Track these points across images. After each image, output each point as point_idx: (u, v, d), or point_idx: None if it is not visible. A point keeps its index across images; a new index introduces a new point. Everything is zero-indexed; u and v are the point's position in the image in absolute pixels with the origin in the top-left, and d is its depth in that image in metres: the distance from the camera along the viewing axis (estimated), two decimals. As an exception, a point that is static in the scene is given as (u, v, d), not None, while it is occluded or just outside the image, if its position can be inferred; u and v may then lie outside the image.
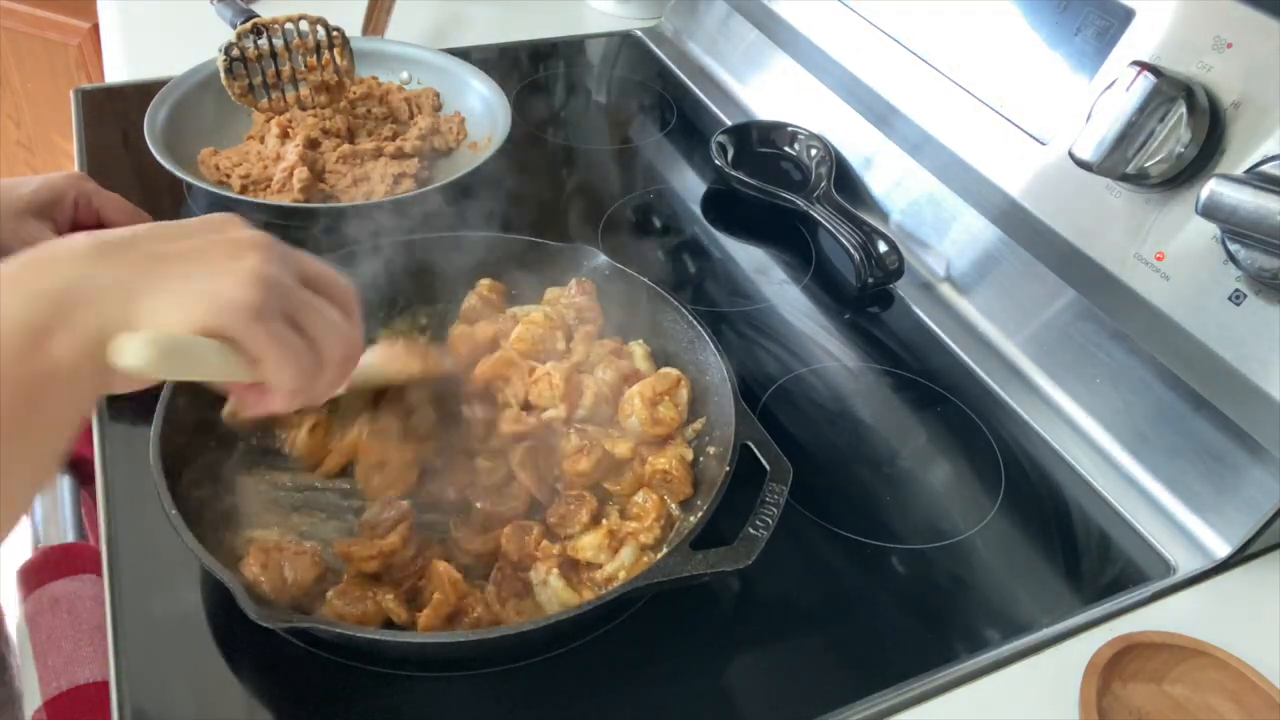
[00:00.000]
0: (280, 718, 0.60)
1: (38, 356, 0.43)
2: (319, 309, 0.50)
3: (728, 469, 0.65)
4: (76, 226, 0.79)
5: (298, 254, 0.52)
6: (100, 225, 0.79)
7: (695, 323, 0.77)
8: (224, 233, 0.50)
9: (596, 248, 0.84)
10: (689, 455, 0.71)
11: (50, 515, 0.82)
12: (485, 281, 0.83)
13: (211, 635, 0.63)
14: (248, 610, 0.55)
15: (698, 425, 0.74)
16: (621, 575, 0.64)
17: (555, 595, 0.63)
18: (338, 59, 1.01)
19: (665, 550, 0.65)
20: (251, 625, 0.61)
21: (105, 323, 0.44)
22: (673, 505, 0.69)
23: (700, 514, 0.64)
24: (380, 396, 0.71)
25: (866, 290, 0.94)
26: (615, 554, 0.65)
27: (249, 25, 0.96)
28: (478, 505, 0.68)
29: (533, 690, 0.61)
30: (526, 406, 0.74)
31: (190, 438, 0.67)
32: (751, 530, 0.61)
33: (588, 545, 0.65)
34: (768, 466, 0.66)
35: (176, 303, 0.46)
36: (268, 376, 0.49)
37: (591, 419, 0.73)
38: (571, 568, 0.65)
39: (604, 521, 0.67)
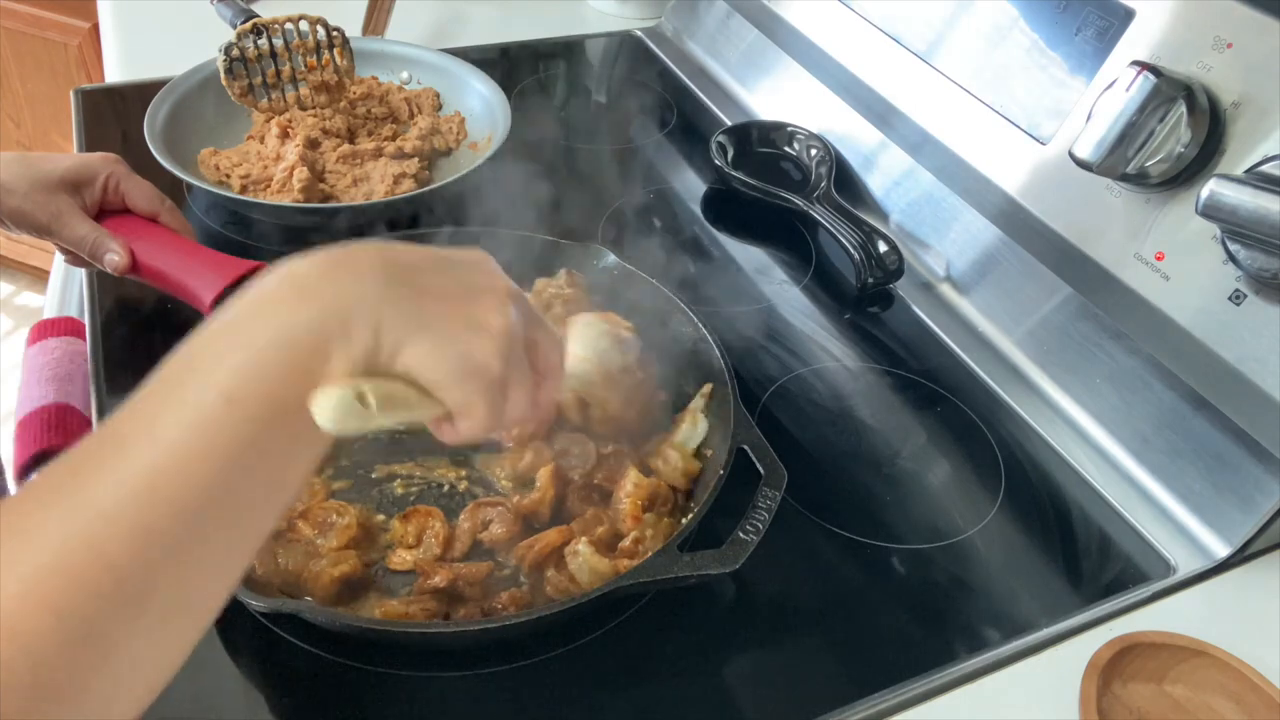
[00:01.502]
0: (281, 716, 0.60)
1: (318, 371, 0.41)
2: (525, 380, 0.48)
3: (721, 473, 0.65)
4: (102, 208, 0.79)
5: (535, 314, 0.50)
6: (124, 209, 0.80)
7: (699, 324, 0.77)
8: (486, 277, 0.48)
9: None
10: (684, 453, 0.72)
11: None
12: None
13: (211, 634, 0.62)
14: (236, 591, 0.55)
15: (706, 391, 0.74)
16: (649, 535, 0.65)
17: (586, 564, 0.63)
18: (338, 59, 1.01)
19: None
20: (252, 623, 0.62)
21: (374, 355, 0.43)
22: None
23: (691, 515, 0.64)
24: None
25: (866, 290, 0.94)
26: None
27: (249, 25, 0.96)
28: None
29: (533, 690, 0.61)
30: None
31: None
32: (741, 534, 0.61)
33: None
34: (762, 471, 0.66)
35: (436, 351, 0.44)
36: (458, 425, 0.47)
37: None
38: (607, 545, 0.66)
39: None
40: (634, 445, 0.73)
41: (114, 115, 1.08)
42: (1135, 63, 0.70)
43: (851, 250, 0.95)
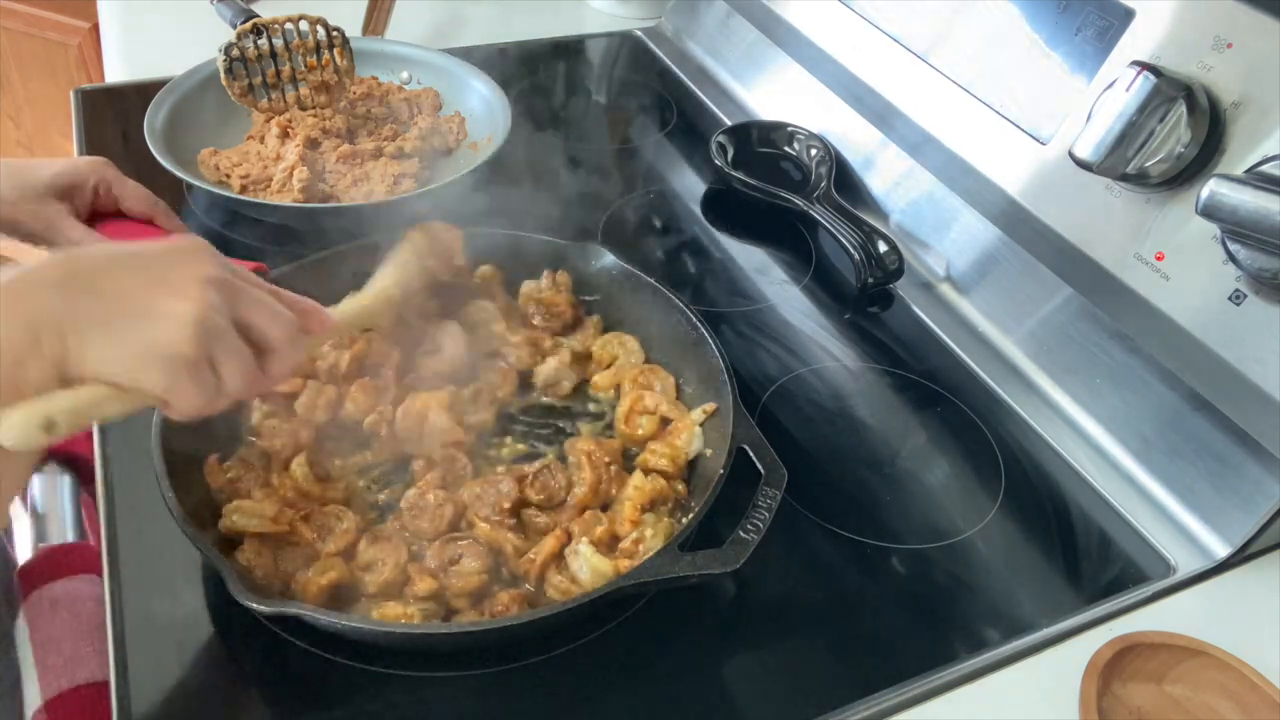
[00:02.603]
0: (281, 717, 0.60)
1: (16, 380, 0.47)
2: (237, 353, 0.52)
3: (721, 472, 0.65)
4: (95, 212, 0.79)
5: (246, 289, 0.53)
6: (119, 212, 0.80)
7: (698, 324, 0.77)
8: (181, 267, 0.51)
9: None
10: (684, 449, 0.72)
11: (50, 515, 0.82)
12: (485, 268, 0.84)
13: (212, 635, 0.63)
14: (234, 590, 0.55)
15: (709, 409, 0.74)
16: (649, 535, 0.65)
17: (587, 564, 0.63)
18: (338, 59, 1.01)
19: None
20: (252, 624, 0.62)
21: (63, 360, 0.48)
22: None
23: (692, 515, 0.64)
24: None
25: (866, 290, 0.94)
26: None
27: (249, 25, 0.96)
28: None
29: (533, 690, 0.61)
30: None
31: (194, 423, 0.67)
32: (742, 534, 0.61)
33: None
34: (763, 470, 0.66)
35: (117, 346, 0.48)
36: (172, 406, 0.51)
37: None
38: (607, 545, 0.66)
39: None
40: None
41: (114, 115, 1.08)
42: (1135, 63, 0.70)
43: (851, 250, 0.95)
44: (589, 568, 0.63)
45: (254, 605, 0.55)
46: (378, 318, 0.69)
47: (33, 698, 0.64)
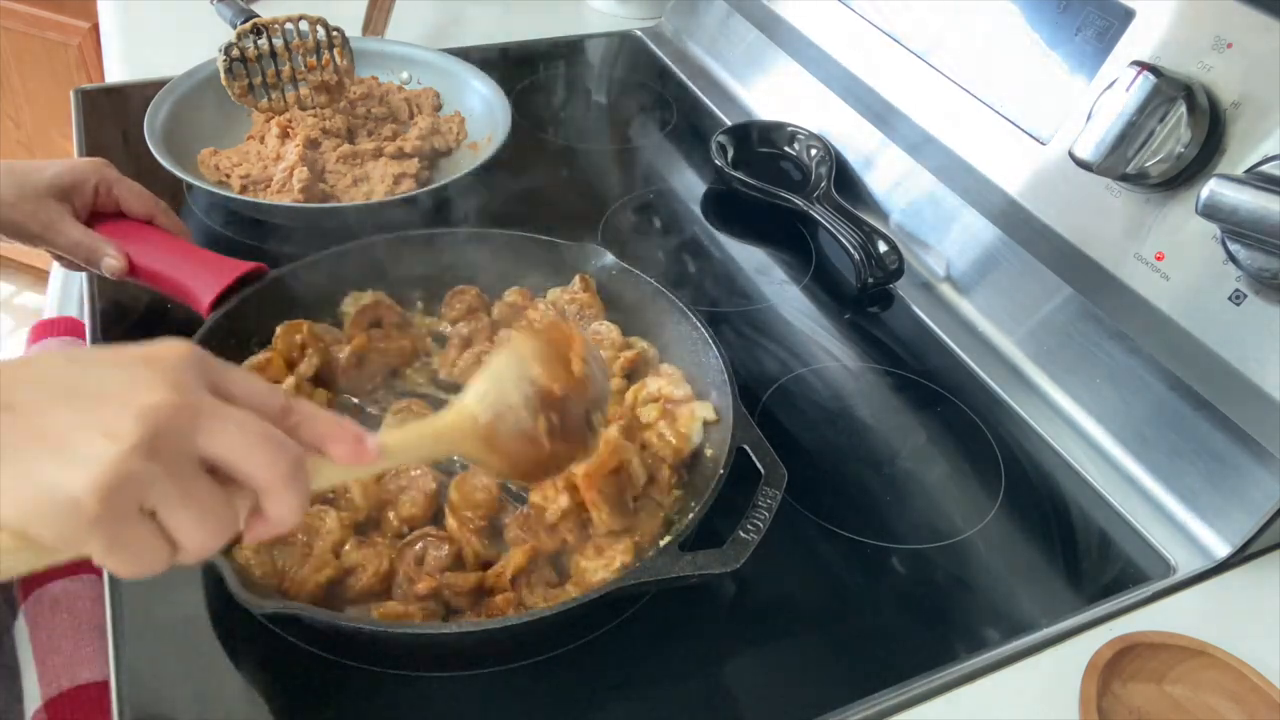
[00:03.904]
0: (281, 717, 0.60)
1: None
2: (188, 500, 0.40)
3: (721, 472, 0.65)
4: (95, 212, 0.79)
5: (219, 415, 0.42)
6: (119, 212, 0.79)
7: (699, 324, 0.77)
8: (133, 389, 0.40)
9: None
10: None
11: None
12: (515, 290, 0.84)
13: (212, 635, 0.63)
14: (234, 590, 0.55)
15: (711, 417, 0.73)
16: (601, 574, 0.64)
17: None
18: (338, 59, 1.01)
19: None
20: (252, 624, 0.62)
21: None
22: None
23: (692, 515, 0.64)
24: None
25: (866, 290, 0.94)
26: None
27: (249, 25, 0.96)
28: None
29: (532, 691, 0.61)
30: None
31: None
32: (742, 534, 0.61)
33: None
34: (763, 470, 0.66)
35: (15, 486, 0.38)
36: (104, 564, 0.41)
37: None
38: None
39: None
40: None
41: (114, 115, 1.08)
42: (1135, 63, 0.70)
43: (851, 250, 0.95)
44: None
45: (254, 605, 0.55)
46: (454, 445, 0.54)
47: (33, 697, 0.64)
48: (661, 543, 0.66)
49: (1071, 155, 0.73)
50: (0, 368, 0.41)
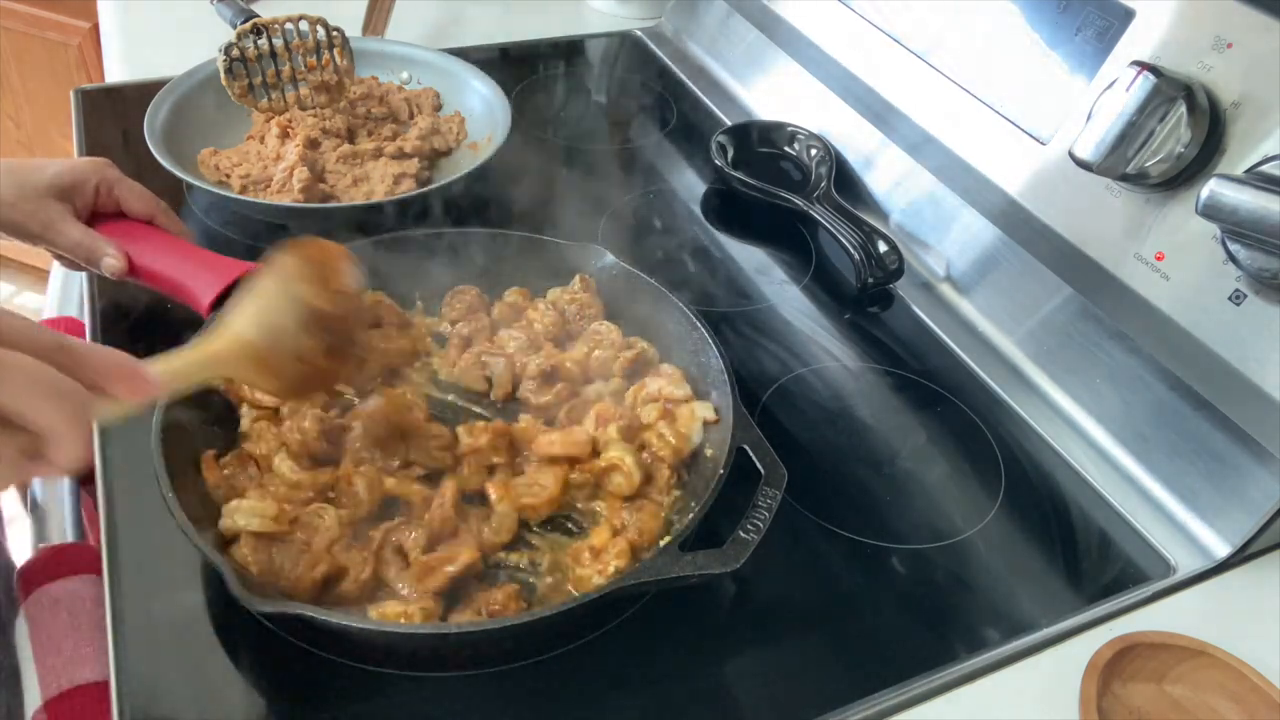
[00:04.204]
0: (280, 716, 0.60)
1: None
2: None
3: (722, 472, 0.65)
4: (95, 212, 0.79)
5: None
6: (119, 212, 0.79)
7: (698, 324, 0.77)
8: None
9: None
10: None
11: (50, 515, 0.82)
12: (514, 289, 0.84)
13: (212, 635, 0.63)
14: (234, 590, 0.55)
15: (711, 417, 0.74)
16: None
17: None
18: (338, 59, 1.01)
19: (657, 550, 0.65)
20: (252, 624, 0.62)
21: None
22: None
23: (692, 515, 0.64)
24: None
25: (866, 290, 0.94)
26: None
27: (249, 25, 0.96)
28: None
29: (532, 691, 0.61)
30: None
31: (194, 425, 0.68)
32: (742, 534, 0.61)
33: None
34: (763, 470, 0.66)
35: None
36: None
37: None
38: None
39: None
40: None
41: (114, 115, 1.08)
42: (1135, 63, 0.70)
43: (851, 250, 0.95)
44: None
45: (254, 605, 0.55)
46: (227, 367, 0.55)
47: (33, 697, 0.64)
48: (661, 543, 0.66)
49: (1071, 155, 0.73)
50: None
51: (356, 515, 0.66)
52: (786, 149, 1.11)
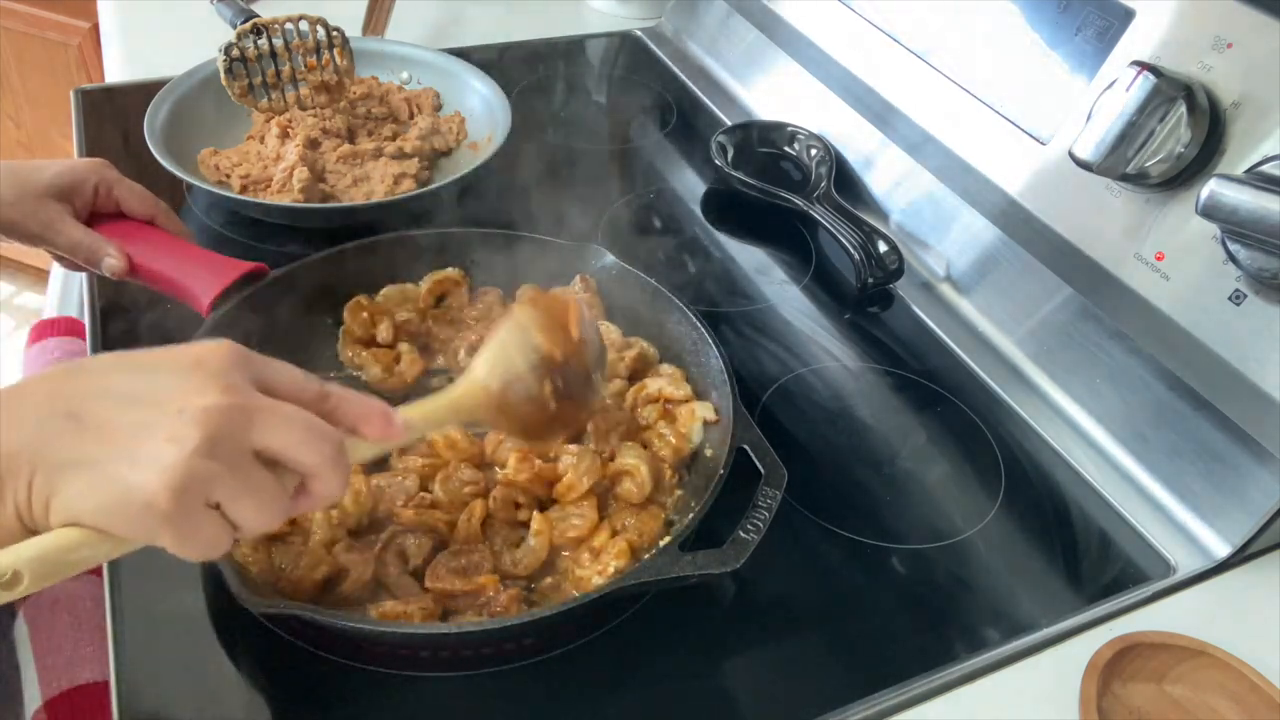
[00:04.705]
0: (280, 717, 0.60)
1: None
2: (248, 490, 0.45)
3: (722, 472, 0.65)
4: (95, 213, 0.79)
5: (266, 411, 0.46)
6: (119, 213, 0.79)
7: (698, 324, 0.77)
8: (182, 394, 0.44)
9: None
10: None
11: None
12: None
13: (212, 635, 0.63)
14: (235, 591, 0.55)
15: (712, 417, 0.73)
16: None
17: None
18: (338, 59, 1.01)
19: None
20: (252, 624, 0.62)
21: (30, 502, 0.43)
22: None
23: (692, 515, 0.64)
24: None
25: (866, 290, 0.94)
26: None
27: (249, 25, 0.96)
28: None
29: (532, 691, 0.61)
30: None
31: None
32: (742, 534, 0.61)
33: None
34: (763, 470, 0.66)
35: (93, 490, 0.42)
36: (179, 552, 0.46)
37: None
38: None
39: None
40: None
41: (114, 115, 1.08)
42: (1135, 63, 0.70)
43: (851, 250, 0.95)
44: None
45: (255, 606, 0.55)
46: (469, 413, 0.58)
47: (33, 698, 0.64)
48: (661, 543, 0.66)
49: (1071, 155, 0.73)
50: (61, 379, 0.45)
51: (347, 522, 0.66)
52: (786, 149, 1.11)
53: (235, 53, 0.96)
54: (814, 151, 1.08)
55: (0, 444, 0.42)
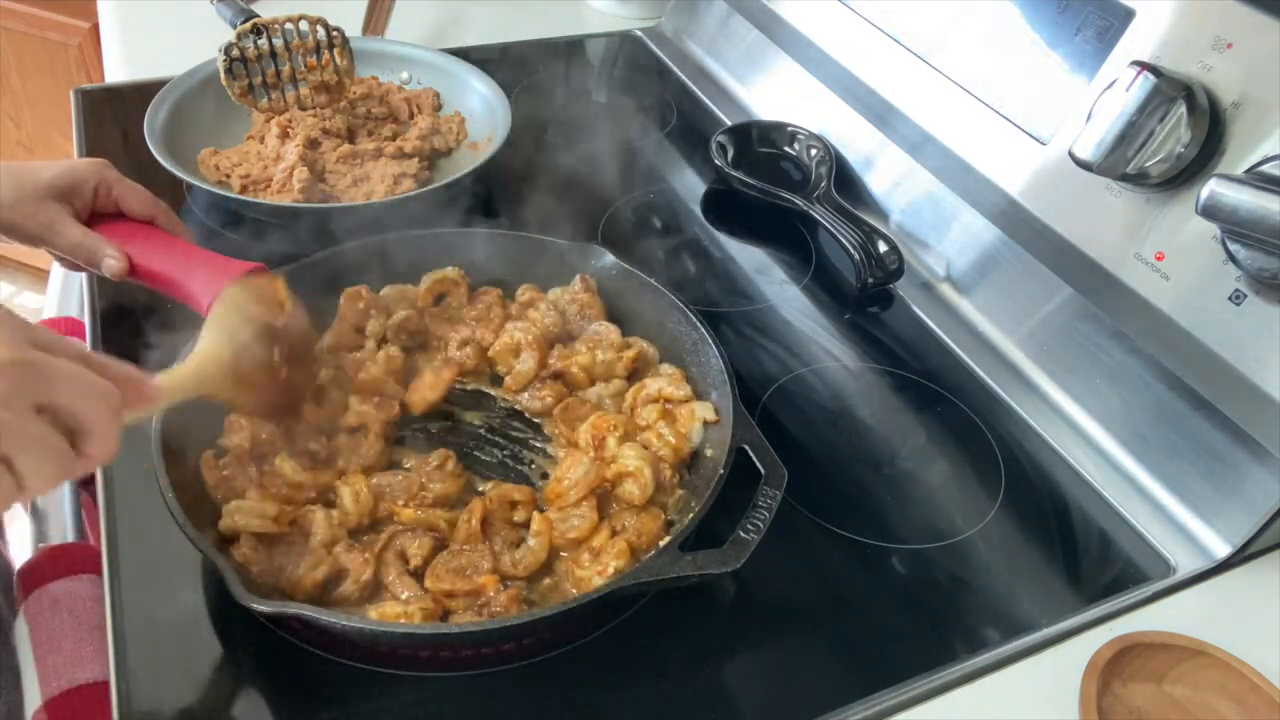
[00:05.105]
0: (280, 717, 0.60)
1: None
2: (33, 444, 0.46)
3: (722, 472, 0.65)
4: (95, 213, 0.79)
5: (48, 367, 0.47)
6: (118, 213, 0.79)
7: (698, 324, 0.77)
8: None
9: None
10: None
11: (50, 515, 0.82)
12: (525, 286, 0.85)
13: (211, 635, 0.63)
14: (236, 593, 0.55)
15: (712, 417, 0.73)
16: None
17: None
18: (338, 59, 1.01)
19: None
20: (252, 624, 0.62)
21: None
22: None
23: (692, 515, 0.64)
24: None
25: (866, 290, 0.94)
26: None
27: (249, 25, 0.96)
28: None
29: (533, 690, 0.62)
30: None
31: (194, 426, 0.68)
32: (742, 534, 0.61)
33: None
34: (763, 470, 0.66)
35: None
36: None
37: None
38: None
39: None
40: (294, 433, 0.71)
41: (114, 115, 1.08)
42: (1135, 63, 0.70)
43: (851, 250, 0.95)
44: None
45: (256, 606, 0.55)
46: (210, 381, 0.61)
47: (33, 698, 0.64)
48: (661, 543, 0.66)
49: (1071, 155, 0.73)
50: None
51: (348, 522, 0.66)
52: (786, 149, 1.11)
53: (235, 53, 0.96)
54: (814, 151, 1.08)
55: None
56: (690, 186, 1.11)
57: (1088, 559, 0.74)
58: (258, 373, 0.64)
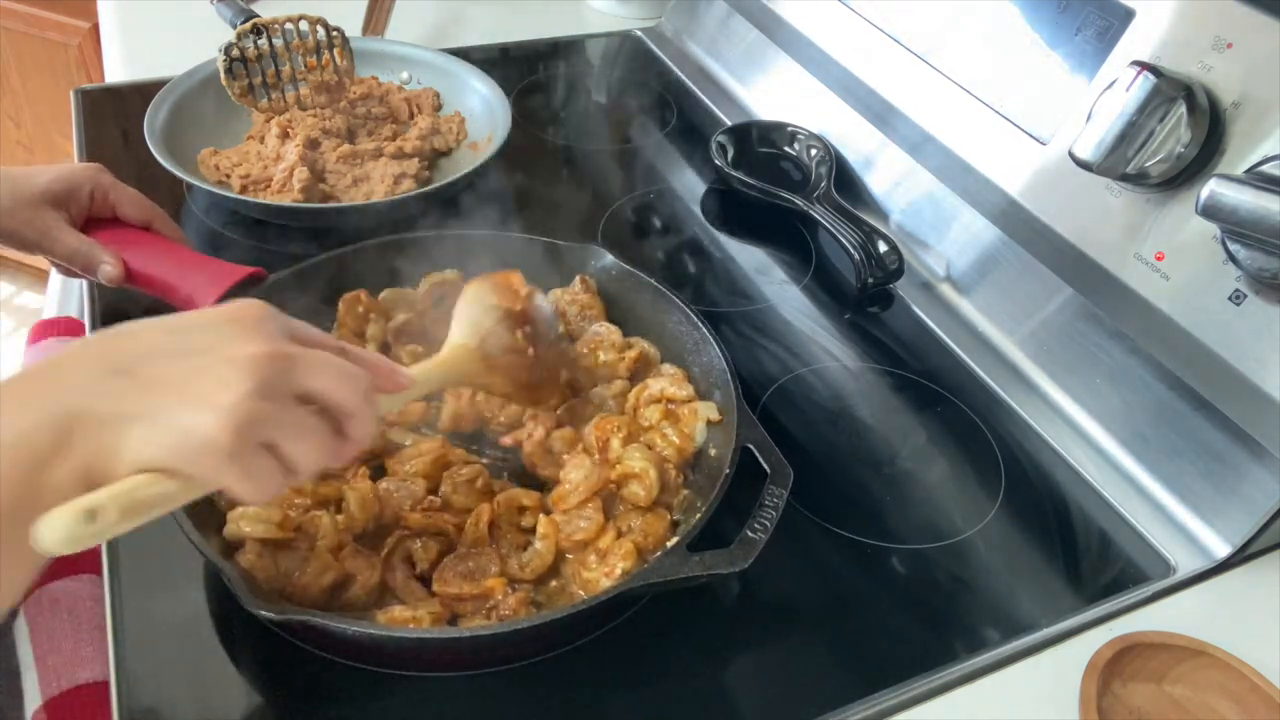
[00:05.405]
0: (281, 718, 0.60)
1: (35, 483, 0.43)
2: (299, 431, 0.48)
3: (727, 471, 0.65)
4: (91, 218, 0.79)
5: (306, 357, 0.49)
6: (115, 218, 0.79)
7: (700, 324, 0.77)
8: (228, 343, 0.47)
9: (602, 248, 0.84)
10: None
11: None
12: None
13: (212, 635, 0.63)
14: (244, 601, 0.55)
15: (715, 417, 0.73)
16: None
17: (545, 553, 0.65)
18: (338, 59, 1.01)
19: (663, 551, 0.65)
20: (252, 625, 0.62)
21: (95, 458, 0.44)
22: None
23: (699, 515, 0.64)
24: None
25: (866, 290, 0.94)
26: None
27: (249, 25, 0.96)
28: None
29: (535, 690, 0.62)
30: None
31: None
32: (749, 533, 0.61)
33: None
34: (768, 469, 0.66)
35: (156, 438, 0.45)
36: (232, 496, 0.48)
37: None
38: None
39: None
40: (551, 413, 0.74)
41: (114, 115, 1.08)
42: (1135, 63, 0.70)
43: (851, 250, 0.95)
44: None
45: (265, 614, 0.55)
46: (461, 368, 0.65)
47: (33, 698, 0.64)
48: (668, 544, 0.66)
49: (1071, 155, 0.73)
50: (105, 342, 0.48)
51: (353, 527, 0.66)
52: (786, 149, 1.11)
53: (235, 53, 0.96)
54: (814, 151, 1.08)
55: (65, 405, 0.44)
56: (690, 186, 1.11)
57: (1088, 559, 0.74)
58: (506, 355, 0.67)
